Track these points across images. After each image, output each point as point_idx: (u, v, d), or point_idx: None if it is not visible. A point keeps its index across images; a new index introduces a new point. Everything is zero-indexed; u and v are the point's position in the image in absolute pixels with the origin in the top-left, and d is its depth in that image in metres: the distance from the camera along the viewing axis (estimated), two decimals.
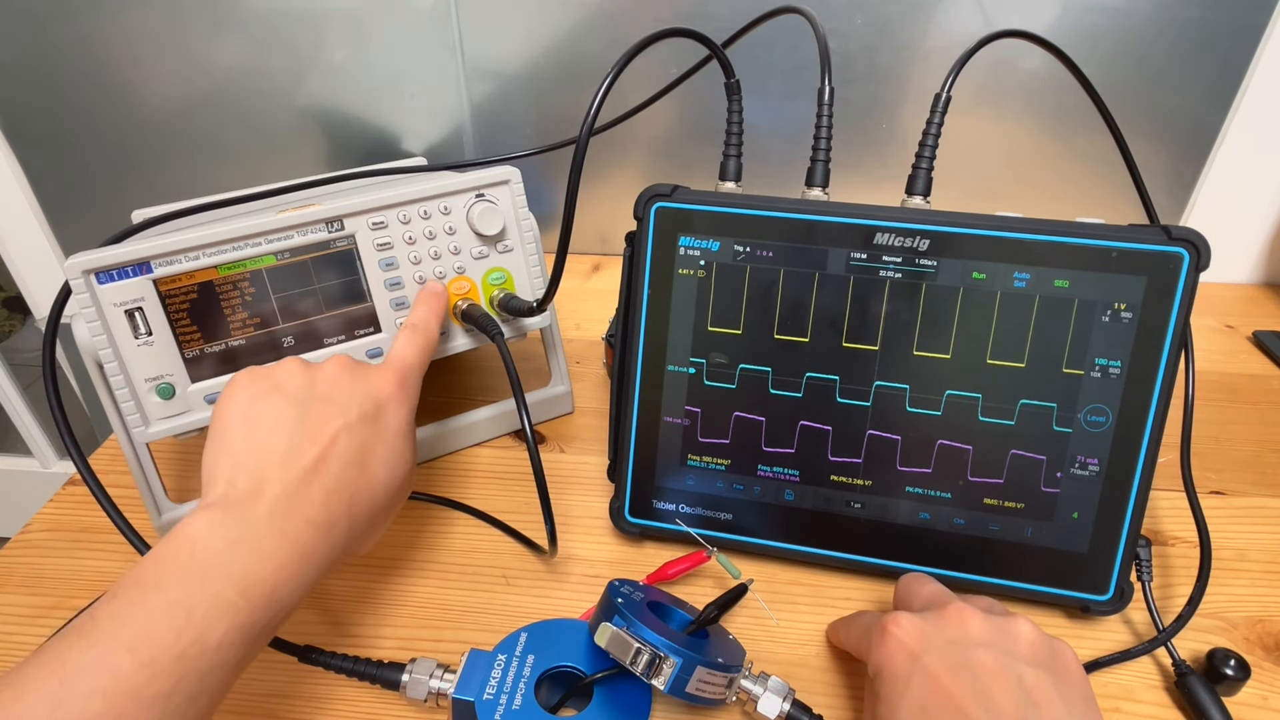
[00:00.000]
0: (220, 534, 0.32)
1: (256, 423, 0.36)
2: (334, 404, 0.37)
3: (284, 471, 0.34)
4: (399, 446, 0.39)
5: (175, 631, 0.29)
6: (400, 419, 0.40)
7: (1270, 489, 0.54)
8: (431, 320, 0.45)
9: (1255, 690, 0.41)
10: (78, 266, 0.40)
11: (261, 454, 0.35)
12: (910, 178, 0.43)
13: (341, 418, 0.37)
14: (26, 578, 0.48)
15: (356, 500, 0.36)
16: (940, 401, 0.43)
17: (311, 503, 0.34)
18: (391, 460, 0.38)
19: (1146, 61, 0.69)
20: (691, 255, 0.45)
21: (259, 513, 0.33)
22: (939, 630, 0.34)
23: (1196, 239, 0.39)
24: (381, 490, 0.38)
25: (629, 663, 0.35)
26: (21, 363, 1.20)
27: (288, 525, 0.33)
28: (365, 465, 0.37)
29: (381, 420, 0.39)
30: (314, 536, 0.34)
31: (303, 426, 0.36)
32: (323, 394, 0.38)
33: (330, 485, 0.35)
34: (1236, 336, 0.72)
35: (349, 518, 0.36)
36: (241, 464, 0.35)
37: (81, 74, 0.78)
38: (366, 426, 0.38)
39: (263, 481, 0.34)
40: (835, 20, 0.69)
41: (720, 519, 0.47)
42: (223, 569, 0.31)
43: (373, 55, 0.76)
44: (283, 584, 0.32)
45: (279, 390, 0.37)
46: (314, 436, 0.36)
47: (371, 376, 0.40)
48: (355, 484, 0.36)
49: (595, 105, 0.40)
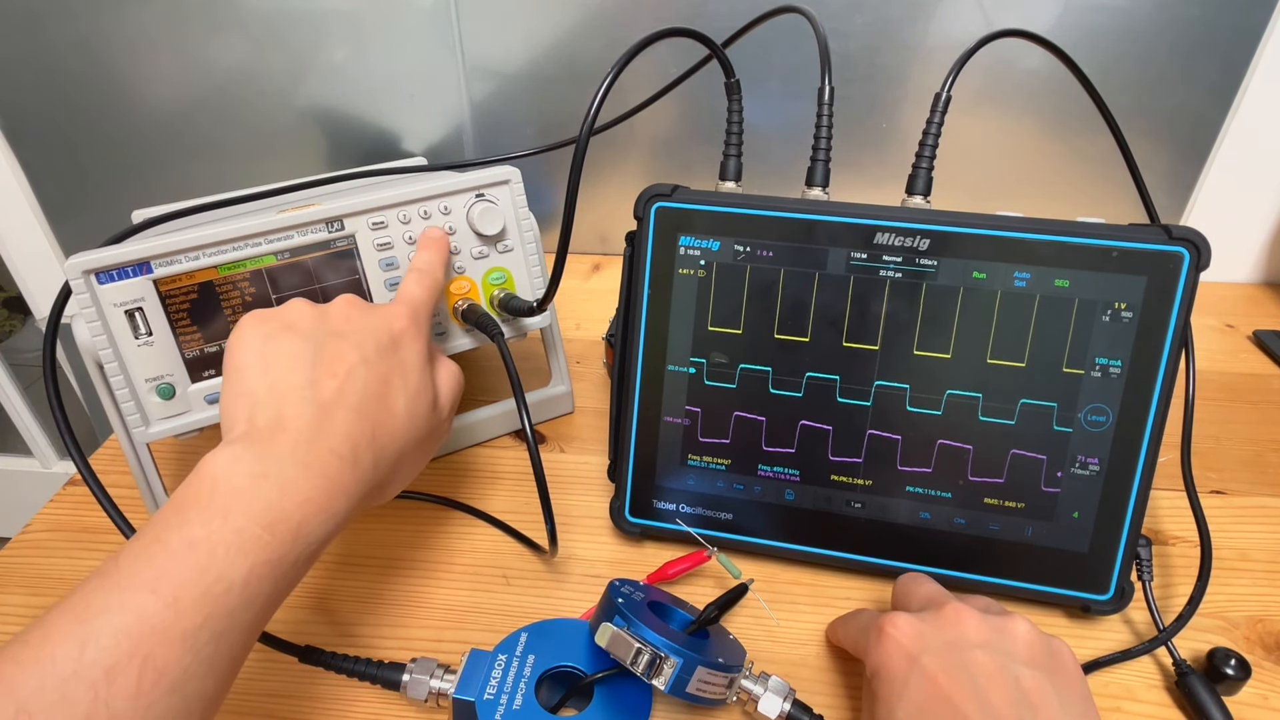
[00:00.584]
0: (243, 469, 0.31)
1: (271, 360, 0.36)
2: (348, 338, 0.37)
3: (303, 405, 0.34)
4: (417, 378, 0.39)
5: (198, 570, 0.28)
6: (416, 351, 0.39)
7: (1270, 489, 0.54)
8: (436, 262, 0.45)
9: (1256, 690, 0.41)
10: (78, 266, 0.40)
11: (280, 390, 0.35)
12: (910, 177, 0.43)
13: (357, 351, 0.37)
14: (27, 578, 0.48)
15: (379, 433, 0.36)
16: (940, 401, 0.43)
17: (334, 434, 0.34)
18: (411, 391, 0.38)
19: (1146, 61, 0.69)
20: (691, 255, 0.45)
21: (281, 447, 0.33)
22: (936, 631, 0.34)
23: (1197, 238, 0.39)
24: (403, 423, 0.37)
25: (629, 663, 0.35)
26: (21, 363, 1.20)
27: (311, 458, 0.33)
28: (385, 397, 0.37)
29: (398, 353, 0.38)
30: (339, 468, 0.33)
31: (318, 361, 0.36)
32: (335, 329, 0.37)
33: (351, 418, 0.35)
34: (1236, 336, 0.72)
35: (373, 450, 0.35)
36: (259, 401, 0.34)
37: (81, 74, 0.78)
38: (383, 359, 0.37)
39: (283, 416, 0.34)
40: (835, 20, 0.69)
41: (720, 519, 0.47)
42: (246, 504, 0.30)
43: (373, 55, 0.76)
44: (310, 517, 0.32)
45: (291, 328, 0.37)
46: (331, 370, 0.35)
47: (383, 311, 0.40)
48: (376, 416, 0.36)
49: (595, 105, 0.40)
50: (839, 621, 0.42)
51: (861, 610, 0.42)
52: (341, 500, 0.33)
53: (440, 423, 0.41)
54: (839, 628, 0.42)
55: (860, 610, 0.42)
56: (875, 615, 0.37)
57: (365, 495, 0.35)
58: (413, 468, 0.40)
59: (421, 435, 0.39)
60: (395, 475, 0.38)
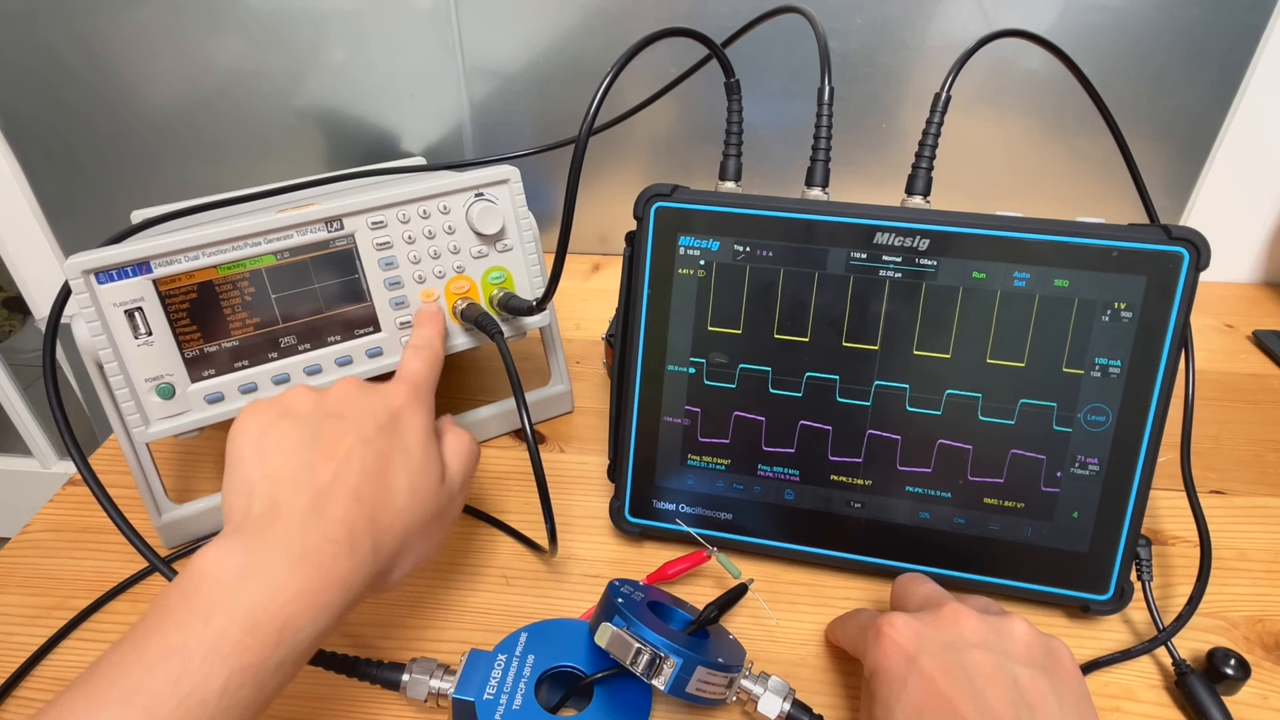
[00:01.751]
0: (231, 563, 0.30)
1: (268, 448, 0.35)
2: (346, 419, 0.36)
3: (298, 490, 0.33)
4: (419, 454, 0.37)
5: (171, 681, 0.27)
6: (418, 426, 0.38)
7: (1270, 488, 0.54)
8: (435, 339, 0.45)
9: (1255, 690, 0.41)
10: (78, 266, 0.40)
11: (276, 477, 0.34)
12: (910, 177, 0.43)
13: (355, 432, 0.36)
14: (27, 578, 0.48)
15: (380, 515, 0.35)
16: (940, 401, 0.43)
17: (330, 520, 0.33)
18: (413, 468, 0.37)
19: (1146, 61, 0.69)
20: (691, 255, 0.45)
21: (274, 536, 0.32)
22: (935, 631, 0.34)
23: (1196, 238, 0.39)
24: (405, 501, 0.36)
25: (629, 663, 0.35)
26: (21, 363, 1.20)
27: (305, 547, 0.32)
28: (385, 476, 0.36)
29: (398, 429, 0.37)
30: (334, 556, 0.32)
31: (316, 444, 0.35)
32: (334, 412, 0.37)
33: (349, 501, 0.34)
34: (1236, 336, 0.72)
35: (373, 535, 0.34)
36: (256, 490, 0.34)
37: (81, 74, 0.78)
38: (382, 437, 0.36)
39: (278, 503, 0.33)
40: (835, 20, 0.69)
41: (720, 519, 0.47)
42: (230, 604, 0.29)
43: (372, 55, 0.76)
44: (298, 615, 0.30)
45: (289, 415, 0.36)
46: (328, 453, 0.35)
47: (383, 389, 0.39)
48: (376, 497, 0.35)
49: (595, 105, 0.40)
50: (838, 621, 0.42)
51: (860, 610, 0.42)
52: (335, 592, 0.31)
53: (451, 498, 0.39)
54: (838, 628, 0.42)
55: (859, 610, 0.42)
56: (874, 615, 0.37)
57: (365, 583, 0.33)
58: (421, 548, 0.38)
59: (428, 513, 0.37)
60: (401, 558, 0.36)
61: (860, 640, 0.37)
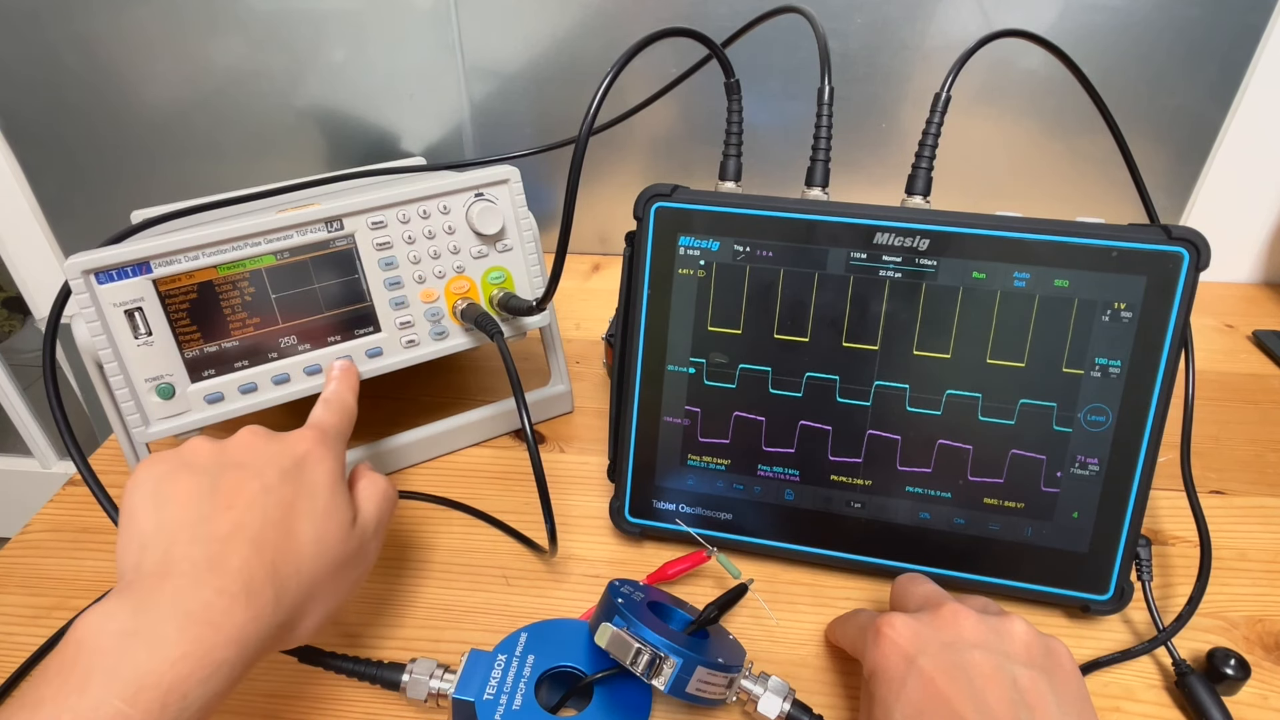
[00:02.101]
0: (113, 627, 0.28)
1: (164, 501, 0.33)
2: (248, 468, 0.35)
3: (194, 543, 0.31)
4: (326, 499, 0.36)
5: None
6: (325, 471, 0.36)
7: (1270, 489, 0.54)
8: (345, 392, 0.43)
9: (1255, 690, 0.41)
10: (77, 266, 0.40)
11: (170, 530, 0.32)
12: (910, 177, 0.43)
13: (258, 479, 0.34)
14: (27, 578, 0.48)
15: (282, 564, 0.33)
16: (940, 401, 0.43)
17: (225, 572, 0.31)
18: (319, 514, 0.35)
19: (1146, 61, 0.69)
20: (691, 255, 0.45)
21: (163, 595, 0.29)
22: (934, 632, 0.34)
23: (1196, 238, 0.39)
24: (312, 550, 0.34)
25: (629, 663, 0.35)
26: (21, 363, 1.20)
27: (195, 603, 0.29)
28: (289, 524, 0.34)
29: (303, 475, 0.36)
30: (227, 611, 0.30)
31: (214, 495, 0.33)
32: (235, 461, 0.35)
33: (248, 550, 0.32)
34: (1236, 336, 0.72)
35: (274, 584, 0.32)
36: (148, 545, 0.32)
37: (81, 74, 0.78)
38: (287, 483, 0.35)
39: (169, 559, 0.31)
40: (835, 20, 0.69)
41: (720, 519, 0.47)
42: (109, 671, 0.27)
43: (372, 55, 0.76)
44: (185, 678, 0.28)
45: (187, 466, 0.35)
46: (228, 503, 0.33)
47: (288, 437, 0.37)
48: (279, 546, 0.33)
49: (595, 105, 0.40)
50: (837, 622, 0.42)
51: (860, 610, 0.42)
52: (230, 649, 0.29)
53: (363, 544, 0.38)
54: (837, 628, 0.42)
55: (858, 610, 0.42)
56: (873, 615, 0.37)
57: (267, 637, 0.31)
58: (331, 596, 0.35)
59: (337, 560, 0.35)
60: (308, 608, 0.34)
61: (860, 640, 0.37)
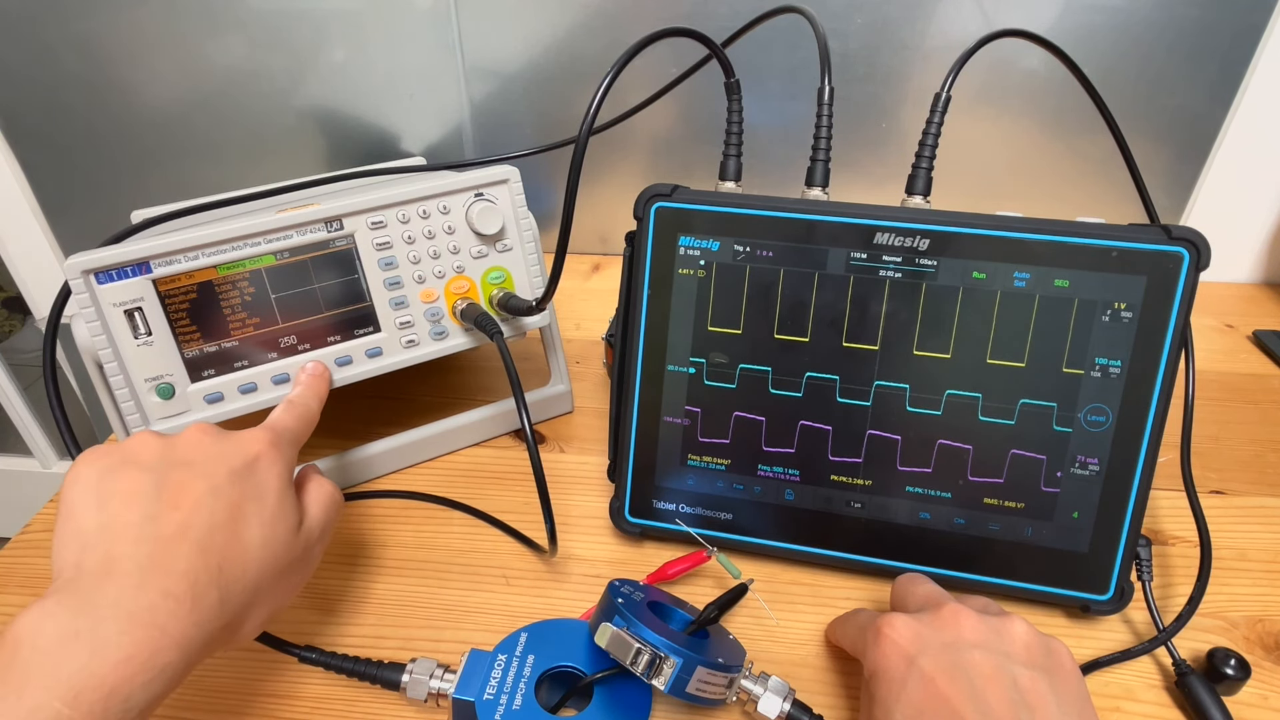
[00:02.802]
0: (52, 626, 0.27)
1: (107, 498, 0.32)
2: (195, 467, 0.34)
3: (137, 545, 0.31)
4: (274, 502, 0.35)
5: None
6: (275, 474, 0.36)
7: (1270, 489, 0.54)
8: (310, 398, 0.43)
9: (1255, 690, 0.41)
10: (77, 266, 0.40)
11: (113, 528, 0.31)
12: (910, 177, 0.43)
13: (205, 480, 0.33)
14: (27, 578, 0.48)
15: (228, 567, 0.32)
16: (940, 401, 0.43)
17: (170, 573, 0.30)
18: (267, 517, 0.35)
19: (1146, 61, 0.69)
20: (691, 255, 0.45)
21: (105, 596, 0.29)
22: (934, 632, 0.34)
23: (1196, 238, 0.39)
24: (257, 553, 0.34)
25: (629, 663, 0.35)
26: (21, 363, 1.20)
27: (139, 604, 0.29)
28: (236, 527, 0.33)
29: (253, 477, 0.35)
30: (172, 613, 0.29)
31: (160, 494, 0.32)
32: (183, 459, 0.34)
33: (193, 552, 0.31)
34: (1236, 336, 0.72)
35: (219, 586, 0.31)
36: (89, 543, 0.31)
37: (80, 74, 0.78)
38: (235, 485, 0.34)
39: (112, 558, 0.30)
40: (835, 20, 0.69)
41: (720, 519, 0.47)
42: (49, 671, 0.26)
43: (372, 55, 0.76)
44: (127, 680, 0.27)
45: (131, 462, 0.34)
46: (174, 502, 0.32)
47: (239, 436, 0.37)
48: (225, 548, 0.32)
49: (595, 105, 0.40)
50: (838, 622, 0.42)
51: (860, 610, 0.42)
52: (173, 652, 0.29)
53: (308, 548, 0.37)
54: (837, 628, 0.42)
55: (859, 610, 0.42)
56: (873, 616, 0.37)
57: (210, 640, 0.31)
58: (275, 599, 0.35)
59: (281, 564, 0.35)
60: (251, 610, 0.34)
61: (860, 640, 0.37)
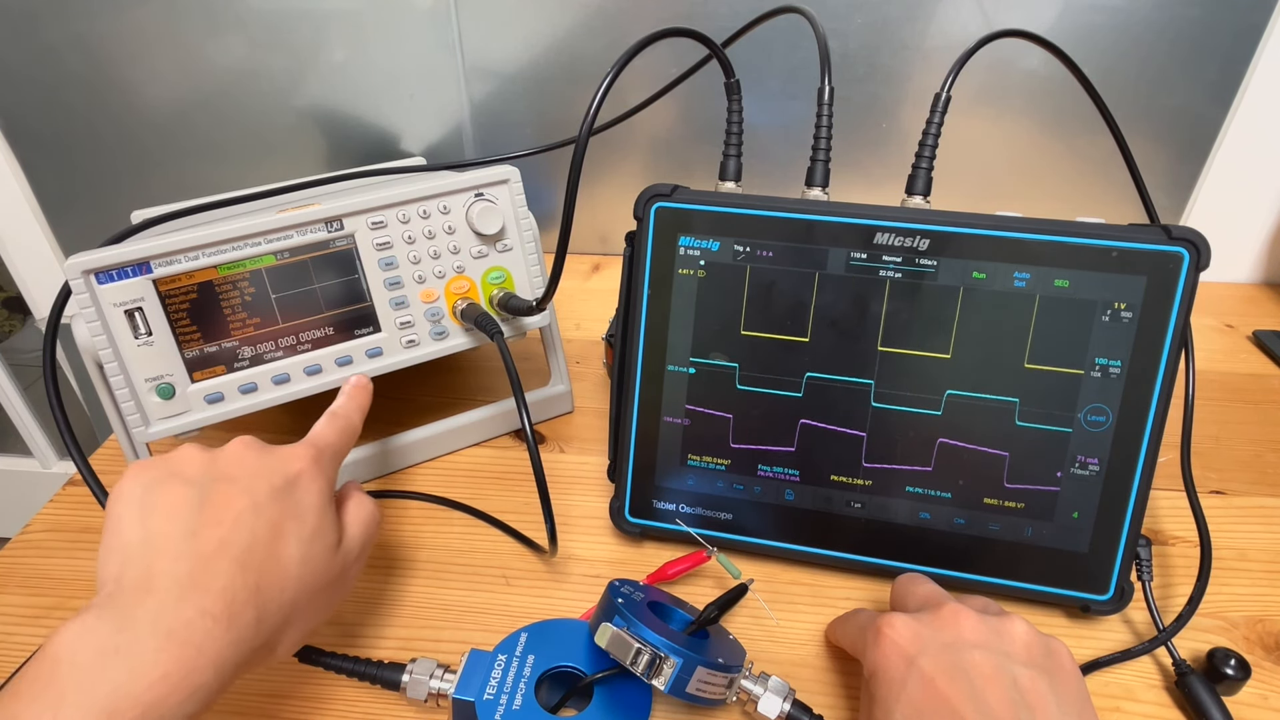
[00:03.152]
0: (91, 642, 0.27)
1: (150, 511, 0.32)
2: (238, 483, 0.34)
3: (178, 561, 0.31)
4: (314, 521, 0.35)
5: None
6: (315, 491, 0.36)
7: (1270, 489, 0.54)
8: (353, 410, 0.43)
9: (1255, 690, 0.41)
10: (78, 267, 0.40)
11: (155, 543, 0.31)
12: (910, 177, 0.43)
13: (247, 496, 0.34)
14: (27, 578, 0.48)
15: (266, 586, 0.32)
16: (940, 401, 0.43)
17: (209, 592, 0.30)
18: (306, 536, 0.34)
19: (1146, 61, 0.69)
20: (691, 255, 0.45)
21: (144, 612, 0.29)
22: (934, 632, 0.34)
23: (1196, 238, 0.39)
24: (296, 571, 0.34)
25: (629, 663, 0.35)
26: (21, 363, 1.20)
27: (177, 622, 0.29)
28: (276, 546, 0.33)
29: (294, 495, 0.35)
30: (209, 632, 0.29)
31: (202, 510, 0.33)
32: (225, 474, 0.34)
33: (232, 570, 0.31)
34: (1236, 336, 0.72)
35: (257, 607, 0.31)
36: (131, 557, 0.31)
37: (81, 74, 0.78)
38: (276, 503, 0.34)
39: (152, 574, 0.30)
40: (835, 20, 0.69)
41: (720, 519, 0.47)
42: (86, 690, 0.26)
43: (373, 55, 0.76)
44: (164, 699, 0.27)
45: (175, 475, 0.34)
46: (215, 519, 0.32)
47: (281, 452, 0.37)
48: (264, 567, 0.32)
49: (595, 105, 0.40)
50: (837, 622, 0.42)
51: (860, 610, 0.42)
52: (209, 672, 0.29)
53: (346, 567, 0.37)
54: (837, 628, 0.42)
55: (858, 610, 0.42)
56: (873, 616, 0.37)
57: (244, 659, 0.31)
58: (311, 618, 0.35)
59: (319, 582, 0.35)
60: (287, 629, 0.34)
61: (860, 640, 0.37)
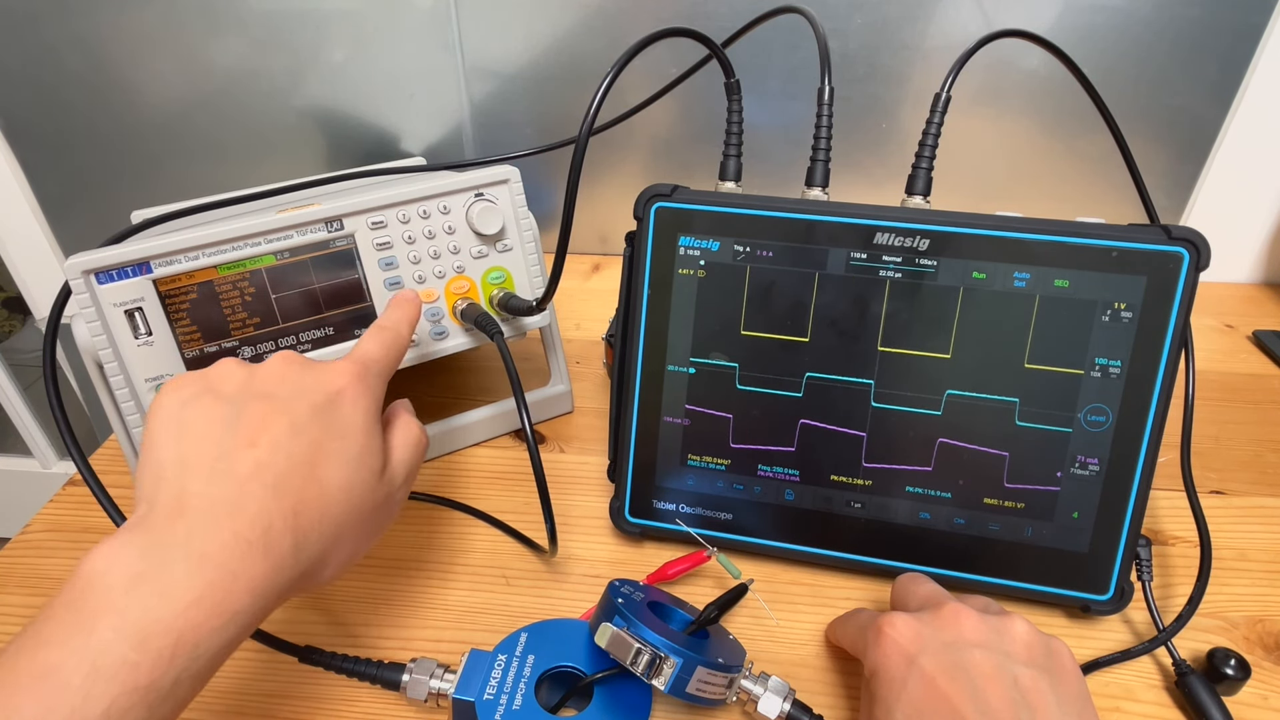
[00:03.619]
0: (122, 567, 0.27)
1: (185, 429, 0.31)
2: (276, 400, 0.32)
3: (210, 482, 0.29)
4: (359, 442, 0.33)
5: (45, 708, 0.24)
6: (361, 410, 0.34)
7: (1270, 489, 0.54)
8: (402, 323, 0.40)
9: (1255, 690, 0.41)
10: (78, 267, 0.40)
11: (188, 464, 0.30)
12: (910, 178, 0.43)
13: (285, 415, 0.32)
14: (27, 578, 0.48)
15: (304, 510, 0.30)
16: (940, 401, 0.43)
17: (243, 514, 0.29)
18: (350, 458, 0.33)
19: (1146, 61, 0.69)
20: (691, 255, 0.45)
21: (175, 535, 0.28)
22: (935, 631, 0.34)
23: (1196, 238, 0.39)
24: (337, 497, 0.32)
25: (629, 663, 0.35)
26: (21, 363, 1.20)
27: (210, 546, 0.28)
28: (316, 467, 0.31)
29: (336, 414, 0.33)
30: (243, 556, 0.28)
31: (237, 428, 0.31)
32: (263, 391, 0.33)
33: (269, 494, 0.30)
34: (1236, 336, 0.72)
35: (295, 531, 0.30)
36: (164, 477, 0.30)
37: (81, 74, 0.78)
38: (317, 421, 0.32)
39: (185, 495, 0.29)
40: (835, 20, 0.69)
41: (720, 519, 0.47)
42: (116, 615, 0.25)
43: (373, 55, 0.76)
44: (196, 626, 0.26)
45: (211, 391, 0.32)
46: (250, 439, 0.31)
47: (324, 368, 0.35)
48: (303, 490, 0.31)
49: (595, 105, 0.40)
50: (838, 621, 0.42)
51: (860, 610, 0.42)
52: (245, 597, 0.28)
53: (392, 492, 0.35)
54: (838, 628, 0.42)
55: (859, 610, 0.42)
56: (874, 615, 0.37)
57: (284, 587, 0.30)
58: (355, 545, 0.34)
59: (364, 509, 0.33)
60: (329, 558, 0.32)
61: (860, 640, 0.37)
